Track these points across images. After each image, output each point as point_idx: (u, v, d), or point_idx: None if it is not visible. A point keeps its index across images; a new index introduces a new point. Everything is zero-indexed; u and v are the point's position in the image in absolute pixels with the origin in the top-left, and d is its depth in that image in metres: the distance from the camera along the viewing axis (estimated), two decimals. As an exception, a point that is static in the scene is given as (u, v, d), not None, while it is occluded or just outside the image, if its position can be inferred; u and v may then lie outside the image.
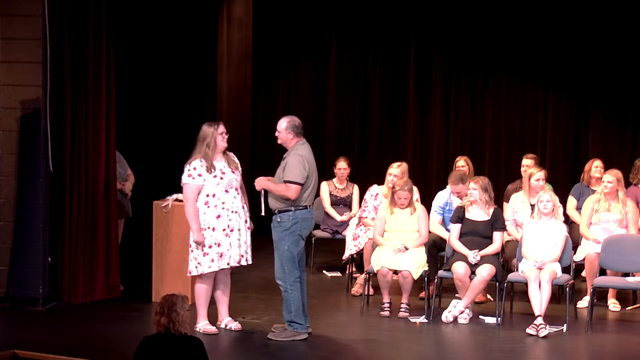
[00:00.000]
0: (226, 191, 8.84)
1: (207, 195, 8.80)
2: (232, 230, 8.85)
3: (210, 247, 8.79)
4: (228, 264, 8.86)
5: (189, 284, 9.43)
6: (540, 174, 10.30)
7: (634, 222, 10.04)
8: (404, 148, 13.71)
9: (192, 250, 8.84)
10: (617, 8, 12.69)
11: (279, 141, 8.79)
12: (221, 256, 8.81)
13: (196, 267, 8.83)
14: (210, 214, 8.80)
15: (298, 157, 8.65)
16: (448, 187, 10.49)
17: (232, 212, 8.85)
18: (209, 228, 8.79)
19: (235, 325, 9.01)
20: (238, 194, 8.92)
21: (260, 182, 8.78)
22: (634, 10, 12.56)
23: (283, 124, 8.74)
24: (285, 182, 8.60)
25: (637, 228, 10.05)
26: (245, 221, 8.94)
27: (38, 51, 9.51)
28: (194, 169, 8.79)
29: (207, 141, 8.80)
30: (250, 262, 9.00)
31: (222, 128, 8.86)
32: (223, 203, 8.82)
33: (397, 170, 10.41)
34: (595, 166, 10.95)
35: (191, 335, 6.37)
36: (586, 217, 10.16)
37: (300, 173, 8.60)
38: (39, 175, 9.61)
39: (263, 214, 8.91)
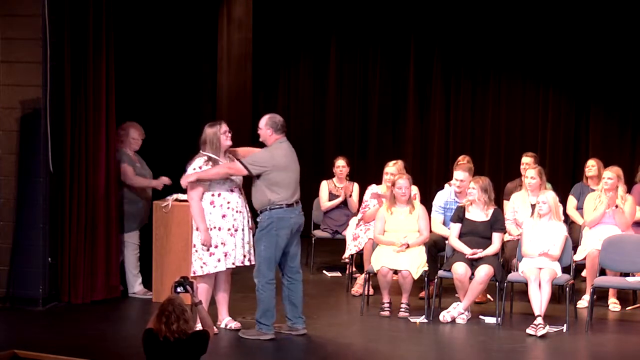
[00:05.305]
0: (231, 191, 8.85)
1: (213, 195, 8.81)
2: (236, 230, 8.86)
3: (216, 246, 8.80)
4: (233, 263, 8.88)
5: (189, 284, 9.42)
6: (530, 172, 10.33)
7: (632, 215, 10.09)
8: (404, 148, 13.73)
9: (196, 251, 8.84)
10: (617, 8, 12.70)
11: (260, 139, 8.83)
12: (226, 256, 8.82)
13: (201, 267, 8.82)
14: (216, 213, 8.80)
15: (267, 153, 8.74)
16: (447, 187, 10.51)
17: (237, 211, 8.86)
18: (214, 228, 8.79)
19: (235, 324, 9.01)
20: (242, 193, 8.93)
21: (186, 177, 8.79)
22: (634, 10, 12.57)
23: (263, 120, 8.81)
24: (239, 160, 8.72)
25: (633, 220, 10.10)
26: (248, 221, 8.95)
27: (38, 51, 9.51)
28: (200, 168, 8.79)
29: (213, 142, 8.80)
30: (253, 262, 8.99)
31: (224, 127, 8.88)
32: (228, 203, 8.83)
33: (393, 169, 10.44)
34: (587, 165, 11.00)
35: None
36: (589, 212, 10.20)
37: (256, 163, 8.65)
38: (39, 175, 9.61)
39: None
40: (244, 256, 8.91)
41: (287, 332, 8.86)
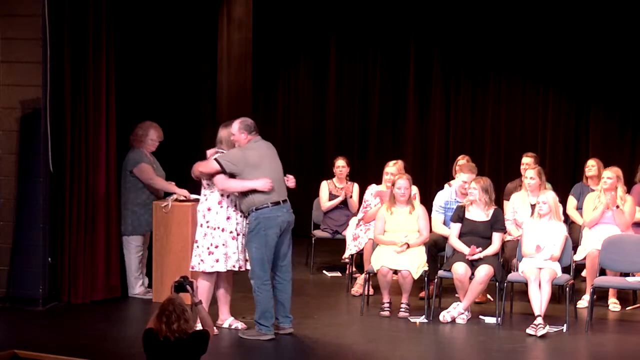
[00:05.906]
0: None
1: (222, 195, 8.82)
2: (238, 234, 8.87)
3: (216, 247, 8.81)
4: (233, 266, 8.88)
5: (189, 283, 9.42)
6: (530, 172, 10.34)
7: (631, 215, 10.09)
8: (404, 148, 13.72)
9: (197, 247, 8.87)
10: (617, 8, 12.70)
11: (236, 145, 8.80)
12: (227, 258, 8.83)
13: (199, 263, 8.86)
14: (222, 214, 8.82)
15: (239, 151, 8.71)
16: (447, 187, 10.51)
17: (241, 216, 8.87)
18: (218, 228, 8.80)
19: (240, 324, 9.02)
20: None
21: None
22: (634, 10, 12.57)
23: (235, 126, 8.80)
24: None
25: (633, 220, 10.10)
26: None
27: (38, 51, 9.51)
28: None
29: (228, 141, 8.81)
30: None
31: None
32: (235, 205, 8.83)
33: (393, 169, 10.46)
34: (587, 165, 11.01)
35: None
36: (588, 212, 10.19)
37: (230, 160, 8.63)
38: (39, 175, 9.61)
39: None
40: (246, 260, 8.93)
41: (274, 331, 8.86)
